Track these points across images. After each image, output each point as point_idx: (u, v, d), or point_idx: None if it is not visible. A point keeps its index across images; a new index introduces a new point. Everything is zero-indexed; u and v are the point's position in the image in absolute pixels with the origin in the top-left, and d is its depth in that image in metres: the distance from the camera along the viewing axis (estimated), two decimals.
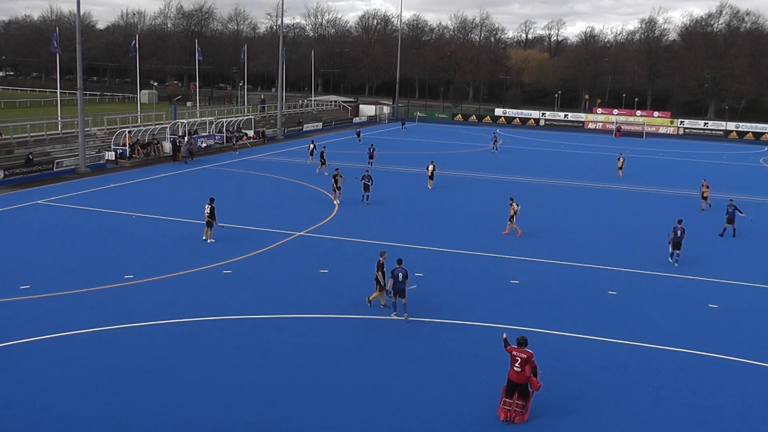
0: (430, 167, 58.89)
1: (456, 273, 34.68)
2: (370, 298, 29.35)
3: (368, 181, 50.68)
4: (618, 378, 23.51)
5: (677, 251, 37.21)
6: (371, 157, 69.67)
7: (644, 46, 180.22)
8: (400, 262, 27.88)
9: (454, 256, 37.91)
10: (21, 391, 20.98)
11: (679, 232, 37.05)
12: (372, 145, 72.19)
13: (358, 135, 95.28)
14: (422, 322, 27.52)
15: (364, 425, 19.86)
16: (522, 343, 20.27)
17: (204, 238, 38.87)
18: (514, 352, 20.13)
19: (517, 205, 43.16)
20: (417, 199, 53.57)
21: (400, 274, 27.22)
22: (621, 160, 71.26)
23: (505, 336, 21.26)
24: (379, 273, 28.66)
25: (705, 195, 53.61)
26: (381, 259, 28.95)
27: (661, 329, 28.15)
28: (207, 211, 38.69)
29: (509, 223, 42.82)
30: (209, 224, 38.76)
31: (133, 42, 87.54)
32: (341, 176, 50.46)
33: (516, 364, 19.94)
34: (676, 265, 37.04)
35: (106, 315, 27.36)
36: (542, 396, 21.53)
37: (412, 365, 23.98)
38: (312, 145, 72.50)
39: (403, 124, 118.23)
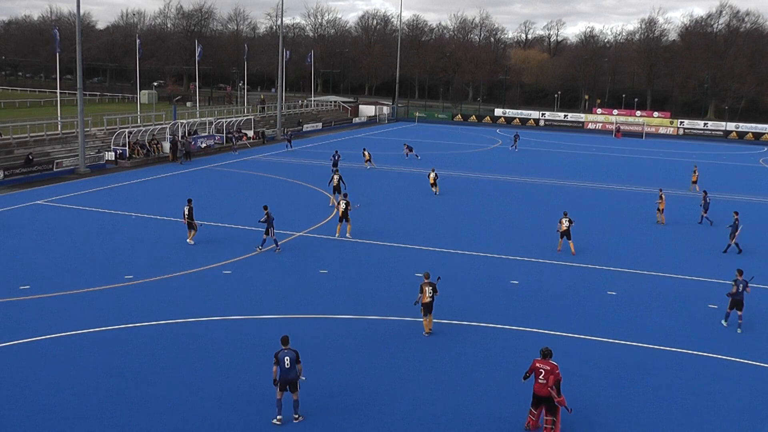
0: (432, 174, 56.87)
1: (455, 273, 34.61)
2: (427, 330, 26.86)
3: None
4: (617, 378, 23.55)
5: (739, 312, 28.69)
6: (335, 165, 62.99)
7: (644, 46, 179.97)
8: (285, 341, 20.43)
9: (453, 257, 37.91)
10: (21, 391, 21.00)
11: (741, 286, 28.65)
12: (336, 151, 67.89)
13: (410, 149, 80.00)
14: (417, 322, 27.41)
15: (363, 425, 19.90)
16: (546, 354, 19.64)
17: (189, 240, 38.63)
18: (537, 364, 19.46)
19: (569, 221, 39.19)
20: (417, 200, 53.57)
21: (287, 359, 19.97)
22: (696, 173, 64.10)
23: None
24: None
25: (661, 207, 48.27)
26: (426, 280, 26.72)
27: (660, 329, 28.19)
28: (185, 211, 38.57)
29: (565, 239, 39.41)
30: (190, 225, 38.65)
31: (138, 42, 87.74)
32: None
33: (540, 377, 19.31)
34: (739, 330, 28.54)
35: (106, 315, 27.38)
36: None
37: (410, 365, 23.99)
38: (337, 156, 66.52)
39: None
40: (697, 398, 22.28)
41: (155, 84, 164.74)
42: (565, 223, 38.86)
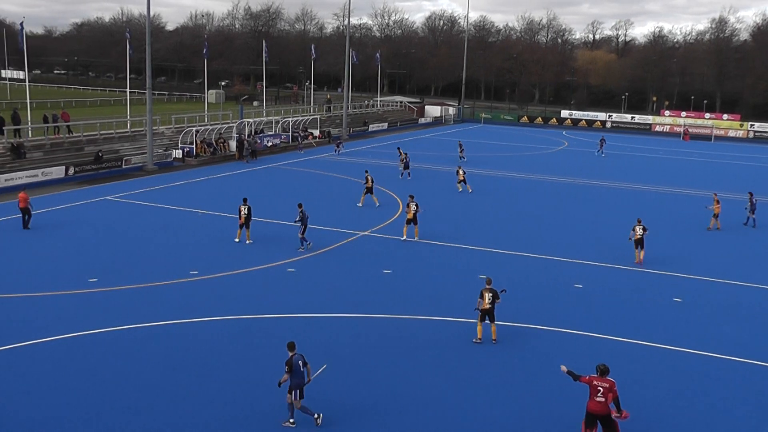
0: (461, 172, 57.15)
1: (518, 275, 34.41)
2: (481, 337, 26.24)
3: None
4: (682, 387, 23.10)
5: None
6: (406, 167, 62.06)
7: (714, 46, 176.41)
8: (293, 346, 19.90)
9: (517, 259, 37.64)
10: (86, 382, 21.41)
11: None
12: (403, 151, 65.29)
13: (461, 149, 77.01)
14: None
15: (421, 426, 19.90)
16: (604, 371, 18.71)
17: (237, 240, 38.47)
18: (595, 382, 18.59)
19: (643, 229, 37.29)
20: (480, 201, 53.35)
21: (300, 362, 19.61)
22: None
23: (564, 369, 19.54)
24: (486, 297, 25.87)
25: (716, 212, 46.68)
26: (487, 286, 26.13)
27: (728, 339, 27.50)
28: (245, 212, 38.41)
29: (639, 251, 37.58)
30: (246, 225, 38.56)
31: (205, 44, 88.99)
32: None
33: (598, 395, 18.46)
34: None
35: (170, 310, 27.75)
36: None
37: (471, 367, 23.90)
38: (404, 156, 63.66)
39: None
40: (764, 411, 21.77)
41: (222, 83, 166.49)
42: (639, 231, 37.06)
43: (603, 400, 18.40)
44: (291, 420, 19.63)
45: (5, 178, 50.98)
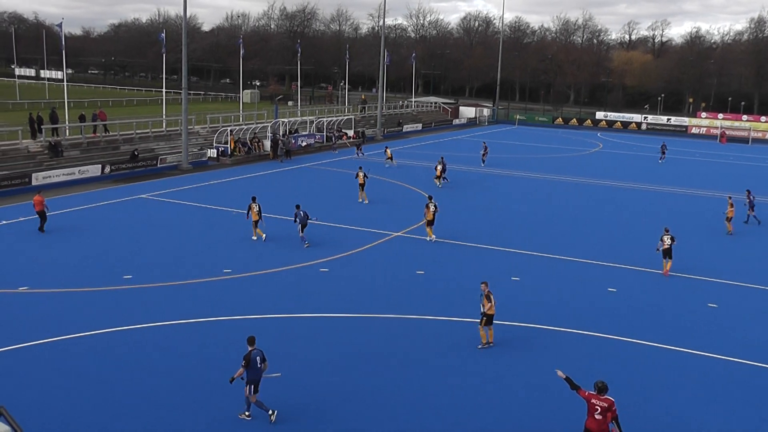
0: (439, 167, 58.04)
1: (551, 278, 34.27)
2: (483, 343, 25.83)
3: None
4: (716, 394, 22.84)
5: None
6: (443, 170, 59.21)
7: (752, 46, 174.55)
8: (252, 341, 19.96)
9: (551, 261, 37.45)
10: (122, 376, 21.69)
11: None
12: (441, 157, 61.95)
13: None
14: (515, 327, 27.15)
15: (449, 426, 19.92)
16: (602, 389, 17.82)
17: (255, 238, 38.86)
18: (593, 400, 17.75)
19: (671, 239, 35.82)
20: (515, 202, 53.22)
21: (258, 358, 19.76)
22: None
23: (561, 375, 18.67)
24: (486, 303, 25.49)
25: (729, 216, 45.98)
26: (485, 290, 25.62)
27: (764, 346, 27.11)
28: (257, 209, 38.63)
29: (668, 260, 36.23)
30: (257, 223, 38.84)
31: (240, 44, 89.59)
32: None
33: (596, 413, 17.64)
34: None
35: (204, 307, 27.94)
36: (633, 408, 21.05)
37: (503, 369, 23.87)
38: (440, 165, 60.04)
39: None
40: None
41: (257, 83, 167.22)
42: (667, 241, 35.96)
43: (601, 418, 17.61)
44: (247, 413, 19.87)
45: (43, 176, 51.56)
